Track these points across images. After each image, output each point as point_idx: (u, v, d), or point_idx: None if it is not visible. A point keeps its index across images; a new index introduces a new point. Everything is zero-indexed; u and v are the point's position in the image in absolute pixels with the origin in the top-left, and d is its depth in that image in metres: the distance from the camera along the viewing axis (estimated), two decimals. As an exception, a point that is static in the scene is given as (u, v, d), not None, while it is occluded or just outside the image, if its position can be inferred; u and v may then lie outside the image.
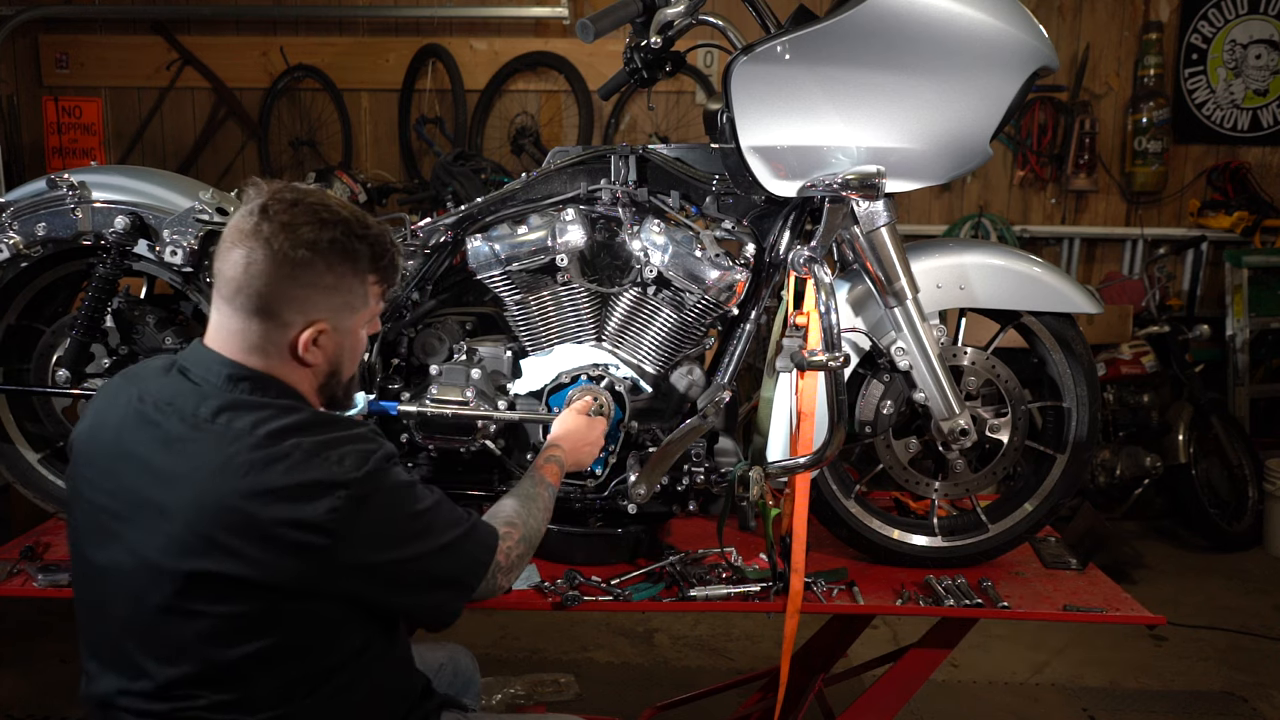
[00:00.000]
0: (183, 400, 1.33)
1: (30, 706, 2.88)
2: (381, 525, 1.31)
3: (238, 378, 1.33)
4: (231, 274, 1.32)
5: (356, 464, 1.29)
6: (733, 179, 1.99)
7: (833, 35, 1.83)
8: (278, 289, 1.31)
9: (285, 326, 1.34)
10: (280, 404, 1.33)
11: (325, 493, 1.25)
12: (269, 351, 1.35)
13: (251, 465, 1.25)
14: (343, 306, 1.38)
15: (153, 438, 1.31)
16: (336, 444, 1.30)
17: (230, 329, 1.35)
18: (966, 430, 2.02)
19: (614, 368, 2.01)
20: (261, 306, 1.32)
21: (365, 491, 1.28)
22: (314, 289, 1.34)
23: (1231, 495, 4.48)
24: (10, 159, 4.97)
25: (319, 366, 1.40)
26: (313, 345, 1.36)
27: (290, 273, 1.31)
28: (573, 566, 1.98)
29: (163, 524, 1.27)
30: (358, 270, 1.37)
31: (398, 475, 1.35)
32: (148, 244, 2.01)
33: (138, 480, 1.30)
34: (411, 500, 1.36)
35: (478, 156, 4.83)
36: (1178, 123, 5.11)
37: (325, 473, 1.26)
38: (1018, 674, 3.24)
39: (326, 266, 1.33)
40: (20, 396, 2.19)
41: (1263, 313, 4.94)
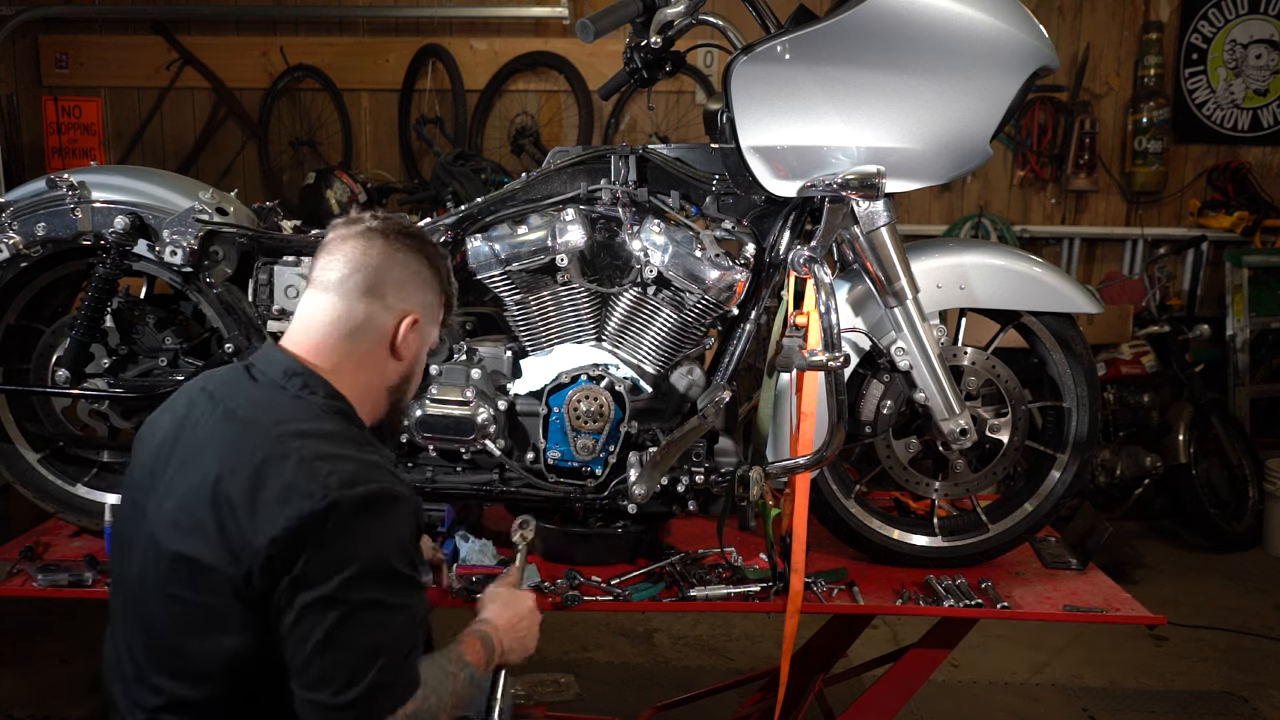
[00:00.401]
0: (238, 392, 1.38)
1: (30, 706, 2.88)
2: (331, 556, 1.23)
3: (293, 373, 1.39)
4: (344, 260, 1.43)
5: (341, 483, 1.25)
6: (733, 179, 1.99)
7: (833, 35, 1.83)
8: (391, 270, 1.44)
9: (388, 310, 1.44)
10: (319, 404, 1.37)
11: (297, 498, 1.23)
12: (365, 338, 1.42)
13: (255, 460, 1.28)
14: (430, 308, 1.51)
15: (198, 424, 1.37)
16: (337, 459, 1.28)
17: (327, 319, 1.42)
18: (966, 430, 2.02)
19: (614, 368, 2.01)
20: (374, 286, 1.43)
21: (333, 512, 1.23)
22: (416, 278, 1.48)
23: (1231, 495, 4.48)
24: (10, 159, 4.97)
25: (405, 363, 1.48)
26: (410, 333, 1.46)
27: (402, 259, 1.46)
28: (573, 566, 1.98)
29: (172, 503, 1.31)
30: (440, 282, 1.52)
31: (381, 526, 1.26)
32: (147, 244, 2.01)
33: (169, 464, 1.36)
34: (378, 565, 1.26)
35: (478, 156, 4.84)
36: (1178, 123, 5.12)
37: (305, 480, 1.24)
38: (1018, 674, 3.24)
39: (425, 261, 1.49)
40: (20, 396, 2.19)
41: (1263, 313, 4.94)
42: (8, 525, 3.29)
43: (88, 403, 2.11)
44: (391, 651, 1.27)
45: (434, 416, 1.99)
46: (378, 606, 1.26)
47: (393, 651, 1.27)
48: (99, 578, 1.92)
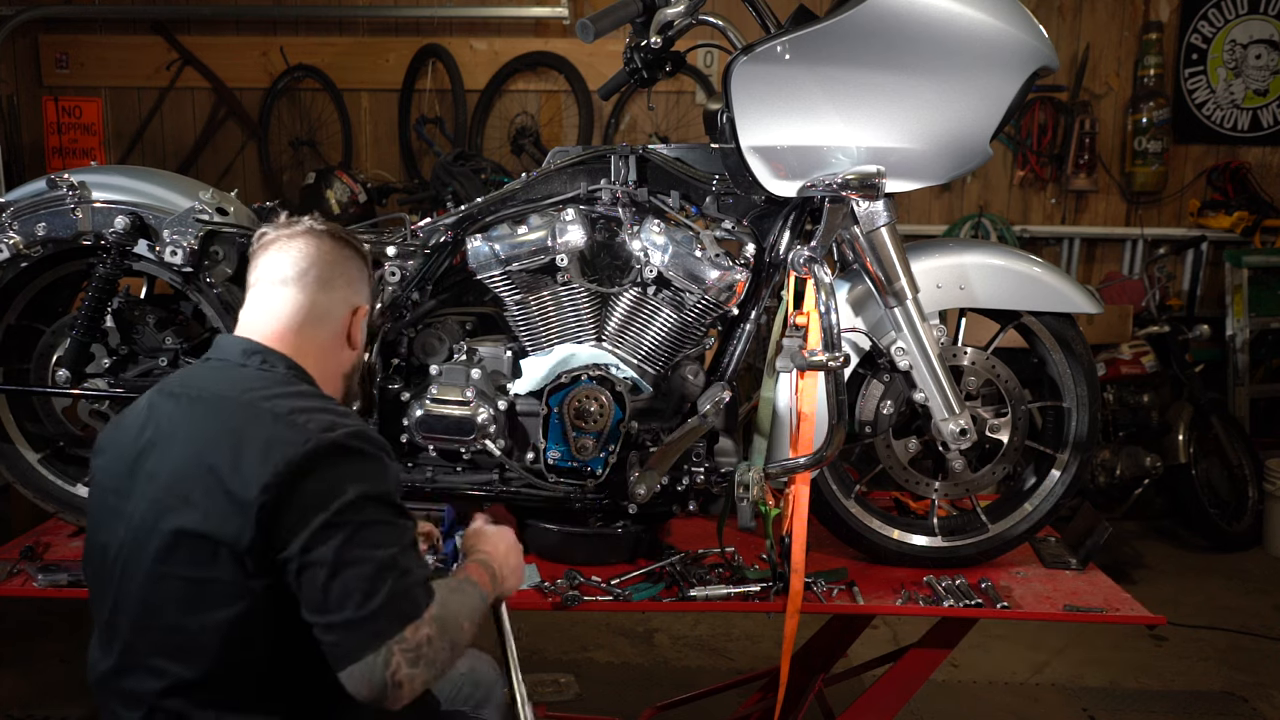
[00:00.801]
0: (195, 379, 1.43)
1: (30, 706, 2.88)
2: (322, 493, 1.26)
3: (251, 352, 1.44)
4: (297, 256, 1.51)
5: (322, 427, 1.30)
6: (733, 179, 1.99)
7: (833, 35, 1.83)
8: (344, 267, 1.54)
9: (343, 303, 1.54)
10: (280, 374, 1.43)
11: (279, 447, 1.27)
12: (327, 325, 1.51)
13: (227, 423, 1.33)
14: (369, 299, 1.61)
15: (160, 415, 1.39)
16: (315, 410, 1.34)
17: (292, 308, 1.49)
18: (966, 430, 2.02)
19: (614, 368, 2.01)
20: (330, 279, 1.51)
21: (319, 453, 1.27)
22: (361, 274, 1.59)
23: (1231, 495, 4.47)
24: (10, 159, 4.97)
25: (355, 353, 1.58)
26: (358, 326, 1.56)
27: (347, 255, 1.56)
28: (573, 566, 1.98)
29: (154, 488, 1.33)
30: (371, 282, 1.63)
31: (363, 462, 1.30)
32: (148, 244, 2.01)
33: (137, 455, 1.37)
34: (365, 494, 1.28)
35: (478, 156, 4.83)
36: (1178, 123, 5.11)
37: (288, 430, 1.29)
38: (1018, 674, 3.24)
39: (363, 261, 1.60)
40: (20, 396, 2.19)
41: (1263, 313, 4.94)
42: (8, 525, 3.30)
43: (88, 403, 2.11)
44: (404, 562, 1.29)
45: (434, 416, 1.99)
46: (380, 524, 1.29)
47: (405, 562, 1.29)
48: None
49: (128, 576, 1.35)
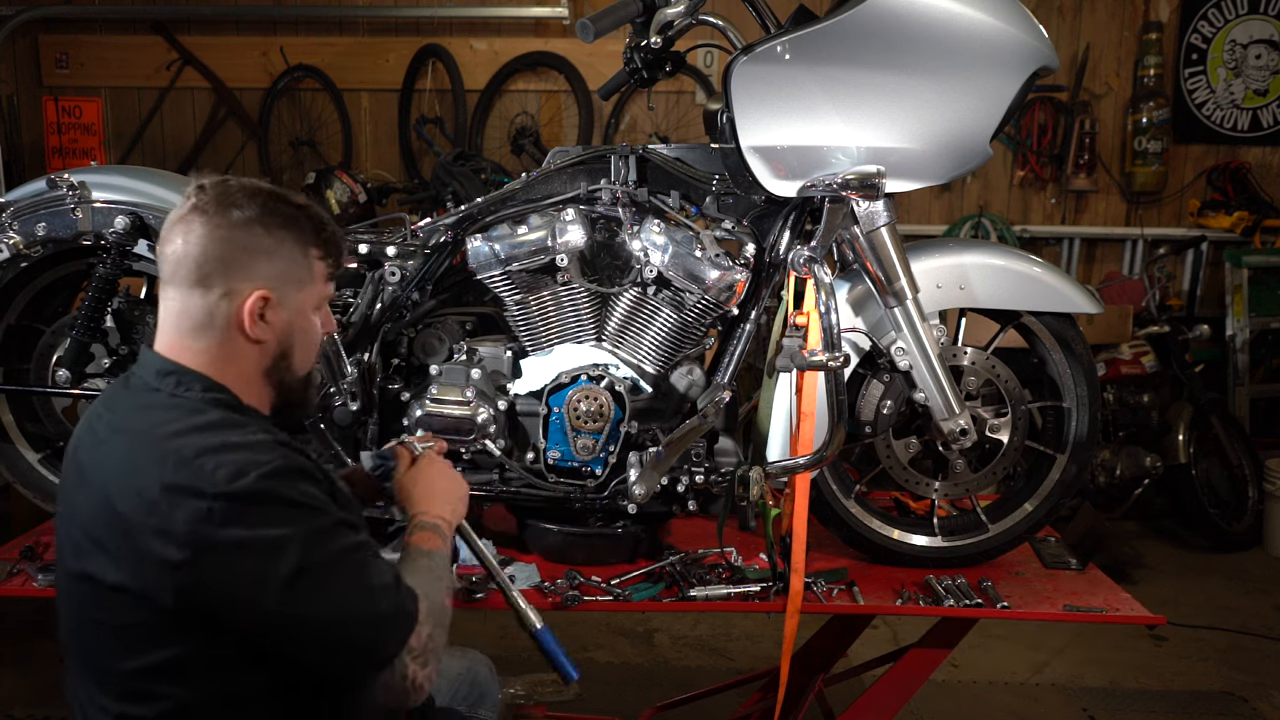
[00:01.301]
0: (115, 404, 1.33)
1: (30, 706, 2.88)
2: (245, 555, 1.17)
3: (165, 372, 1.30)
4: (171, 250, 1.30)
5: (230, 476, 1.17)
6: (733, 179, 1.99)
7: (833, 35, 1.83)
8: (216, 252, 1.29)
9: (228, 296, 1.30)
10: (194, 400, 1.28)
11: (186, 499, 1.16)
12: (213, 329, 1.30)
13: (140, 466, 1.21)
14: (286, 276, 1.34)
15: (87, 444, 1.31)
16: (223, 449, 1.20)
17: (175, 313, 1.32)
18: (966, 430, 2.02)
19: (614, 368, 2.01)
20: (202, 275, 1.29)
21: (225, 508, 1.16)
22: (254, 253, 1.31)
23: (1231, 495, 4.47)
24: (10, 159, 4.97)
25: (267, 345, 1.34)
26: (259, 319, 1.32)
27: (228, 235, 1.29)
28: (573, 566, 1.98)
29: (72, 527, 1.26)
30: (299, 239, 1.35)
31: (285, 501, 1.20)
32: (148, 244, 2.02)
33: (70, 486, 1.31)
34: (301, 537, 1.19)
35: (478, 156, 4.83)
36: (1178, 123, 5.11)
37: (193, 479, 1.17)
38: (1018, 674, 3.24)
39: (264, 230, 1.31)
40: (20, 397, 2.19)
41: (1263, 313, 4.94)
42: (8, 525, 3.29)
43: (87, 403, 2.11)
44: (376, 581, 1.25)
45: (434, 416, 1.99)
46: (335, 557, 1.22)
47: (377, 580, 1.25)
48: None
49: (69, 614, 1.28)
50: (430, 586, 1.35)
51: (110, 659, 1.24)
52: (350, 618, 1.22)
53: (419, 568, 1.39)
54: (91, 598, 1.24)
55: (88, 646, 1.27)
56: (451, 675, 1.77)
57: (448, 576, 1.42)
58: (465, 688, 1.79)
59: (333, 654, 1.23)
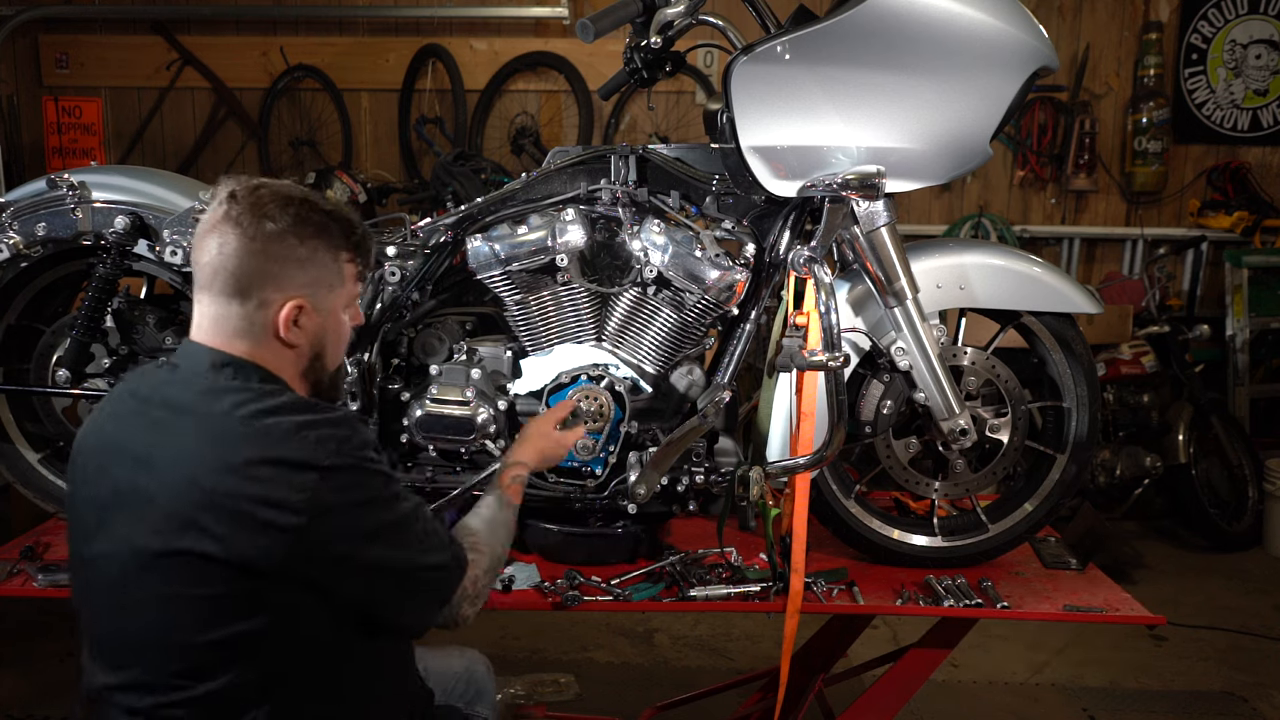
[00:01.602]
0: (168, 389, 1.36)
1: (30, 706, 2.88)
2: (353, 516, 1.30)
3: (220, 364, 1.35)
4: (206, 260, 1.35)
5: (334, 449, 1.28)
6: (733, 179, 1.99)
7: (833, 35, 1.83)
8: (252, 265, 1.34)
9: (264, 306, 1.36)
10: (261, 388, 1.34)
11: (297, 472, 1.25)
12: (252, 334, 1.37)
13: (228, 444, 1.26)
14: (318, 283, 1.39)
15: (140, 427, 1.34)
16: (314, 426, 1.29)
17: (212, 317, 1.37)
18: (966, 430, 2.02)
19: (614, 368, 2.01)
20: (239, 287, 1.35)
21: (339, 478, 1.28)
22: (287, 263, 1.36)
23: (1231, 495, 4.48)
24: (10, 159, 4.97)
25: (301, 348, 1.41)
26: (294, 325, 1.37)
27: (262, 248, 1.34)
28: (573, 566, 1.98)
29: (146, 508, 1.28)
30: (330, 245, 1.40)
31: (375, 469, 1.34)
32: (148, 244, 2.02)
33: (125, 470, 1.32)
34: (389, 499, 1.35)
35: (478, 156, 4.84)
36: (1178, 123, 5.12)
37: (300, 452, 1.26)
38: (1018, 674, 3.24)
39: (298, 240, 1.36)
40: (20, 397, 2.19)
41: (1263, 313, 4.94)
42: (8, 525, 3.30)
43: (88, 403, 2.11)
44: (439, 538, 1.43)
45: (434, 416, 1.99)
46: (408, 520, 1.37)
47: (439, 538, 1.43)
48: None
49: (131, 596, 1.30)
50: (494, 536, 1.59)
51: (185, 633, 1.28)
52: (425, 565, 1.40)
53: (495, 520, 1.64)
54: (179, 573, 1.27)
55: (163, 622, 1.29)
56: (449, 674, 1.78)
57: (512, 530, 1.67)
58: (463, 685, 1.80)
59: (410, 595, 1.40)
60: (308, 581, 1.29)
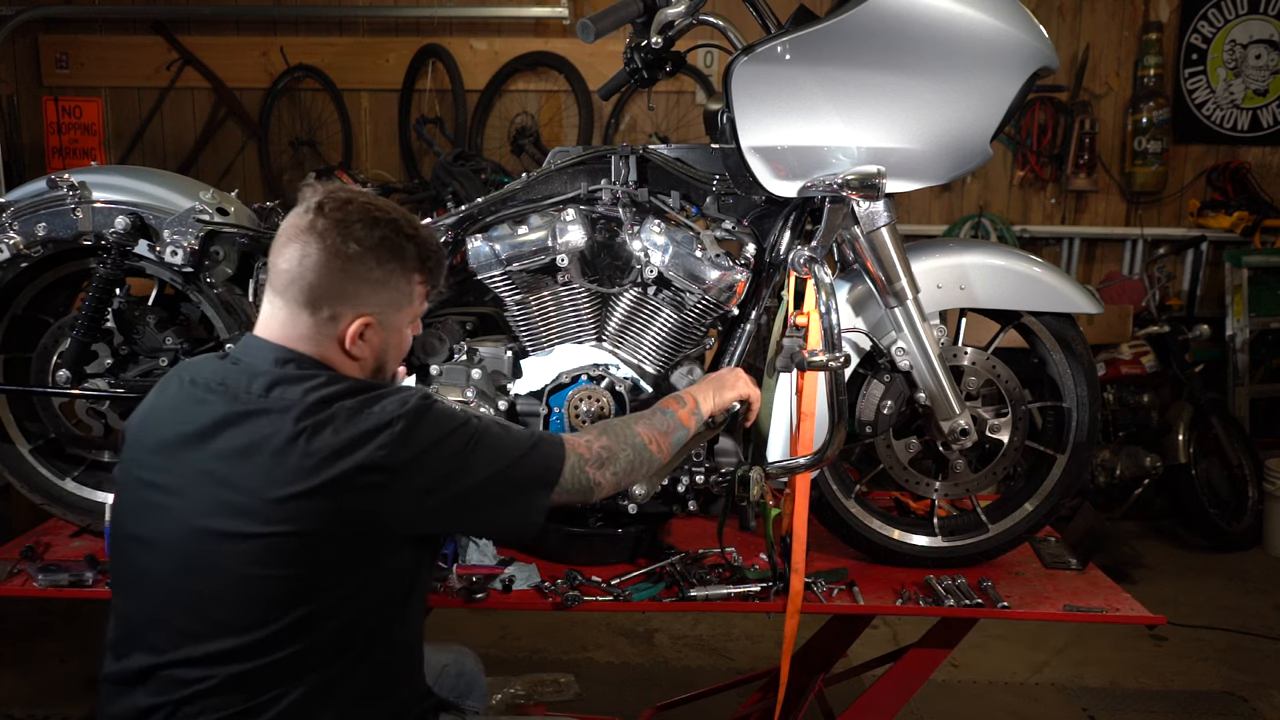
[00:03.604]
0: (234, 380, 1.38)
1: (30, 706, 2.88)
2: (437, 447, 1.36)
3: (284, 359, 1.39)
4: (286, 267, 1.38)
5: (398, 404, 1.35)
6: (733, 179, 1.99)
7: (833, 35, 1.83)
8: (329, 282, 1.38)
9: (334, 320, 1.40)
10: (328, 373, 1.39)
11: (375, 435, 1.31)
12: (318, 341, 1.41)
13: (307, 431, 1.30)
14: (390, 303, 1.44)
15: (206, 414, 1.36)
16: (377, 399, 1.35)
17: (282, 319, 1.41)
18: (967, 430, 2.02)
19: (614, 368, 2.01)
20: (313, 299, 1.38)
21: (411, 422, 1.33)
22: (363, 284, 1.40)
23: (1231, 495, 4.48)
24: (10, 159, 4.97)
25: (364, 361, 1.45)
26: (359, 339, 1.41)
27: (342, 266, 1.37)
28: (573, 566, 1.98)
29: (230, 494, 1.31)
30: (405, 269, 1.43)
31: (442, 406, 1.40)
32: (148, 244, 2.01)
33: (192, 455, 1.34)
34: (461, 421, 1.40)
35: (478, 156, 4.84)
36: (1178, 123, 5.12)
37: (371, 421, 1.32)
38: (1018, 674, 3.24)
39: (376, 262, 1.39)
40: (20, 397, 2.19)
41: (1263, 313, 4.94)
42: (8, 525, 3.30)
43: (88, 402, 2.11)
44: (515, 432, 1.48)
45: None
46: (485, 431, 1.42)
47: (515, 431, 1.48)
48: (99, 578, 1.92)
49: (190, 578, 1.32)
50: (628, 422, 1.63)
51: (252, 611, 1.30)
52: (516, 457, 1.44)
53: (642, 415, 1.67)
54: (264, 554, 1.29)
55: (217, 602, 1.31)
56: (438, 668, 1.79)
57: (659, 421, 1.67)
58: (452, 679, 1.82)
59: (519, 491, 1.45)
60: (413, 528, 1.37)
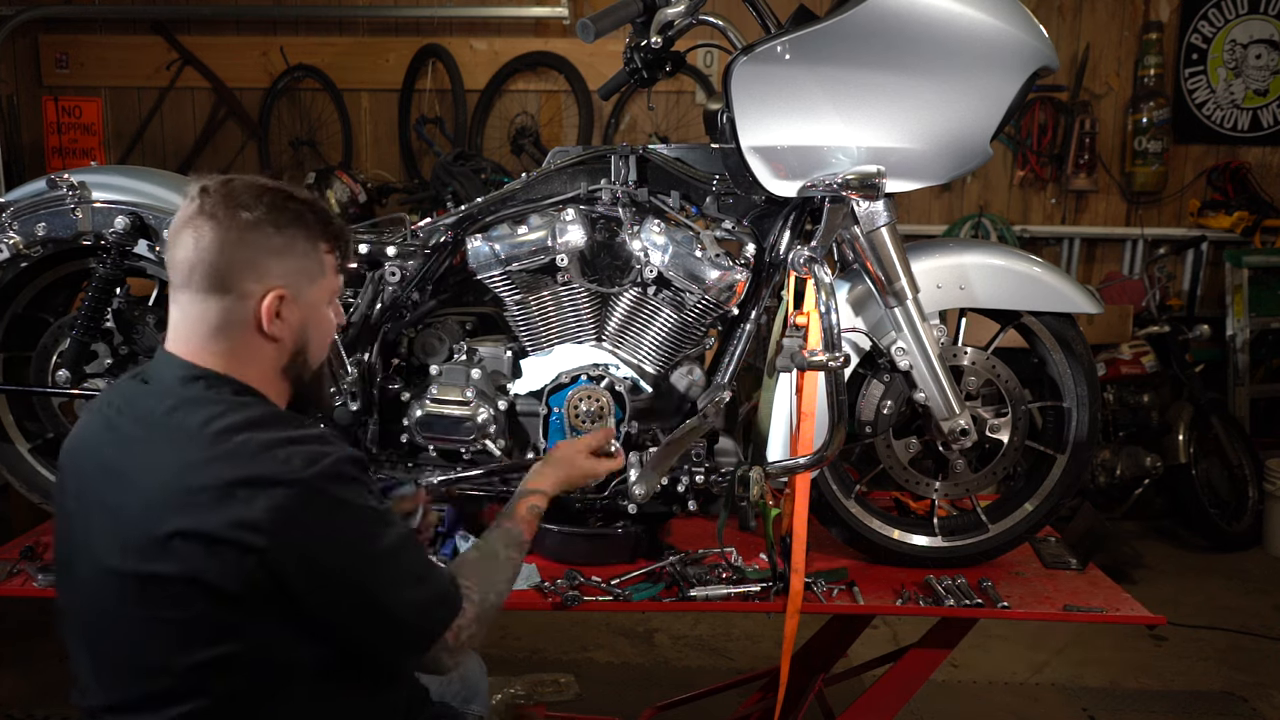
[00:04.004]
0: (140, 402, 1.32)
1: (30, 706, 2.88)
2: (326, 536, 1.23)
3: (191, 377, 1.31)
4: (183, 256, 1.31)
5: (304, 463, 1.23)
6: (733, 179, 1.99)
7: (833, 35, 1.83)
8: (230, 256, 1.30)
9: (245, 298, 1.32)
10: (234, 400, 1.30)
11: (266, 489, 1.20)
12: (231, 332, 1.33)
13: (198, 463, 1.23)
14: (299, 272, 1.36)
15: (110, 441, 1.31)
16: (288, 443, 1.25)
17: (191, 318, 1.33)
18: (967, 430, 2.02)
19: (614, 368, 2.01)
20: (217, 279, 1.30)
21: (310, 493, 1.22)
22: (265, 251, 1.32)
23: (1231, 495, 4.48)
24: (10, 159, 4.97)
25: (284, 342, 1.36)
26: (276, 317, 1.33)
27: (239, 237, 1.30)
28: (573, 566, 1.98)
29: (116, 526, 1.26)
30: (309, 234, 1.36)
31: (355, 488, 1.27)
32: (148, 244, 2.02)
33: (95, 484, 1.30)
34: (369, 520, 1.27)
35: (478, 156, 4.84)
36: (1178, 123, 5.11)
37: (268, 469, 1.21)
38: (1018, 674, 3.24)
39: (274, 228, 1.33)
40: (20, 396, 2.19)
41: (1263, 313, 4.94)
42: (8, 525, 3.30)
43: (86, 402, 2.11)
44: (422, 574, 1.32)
45: (434, 416, 1.99)
46: (387, 551, 1.28)
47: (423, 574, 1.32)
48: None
49: (105, 614, 1.28)
50: (491, 578, 1.45)
51: (162, 655, 1.25)
52: (403, 601, 1.29)
53: (497, 558, 1.50)
54: (150, 594, 1.23)
55: (137, 643, 1.26)
56: None
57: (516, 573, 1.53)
58: (457, 684, 1.80)
59: (382, 632, 1.30)
60: (280, 607, 1.24)
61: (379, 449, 2.07)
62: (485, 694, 1.86)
